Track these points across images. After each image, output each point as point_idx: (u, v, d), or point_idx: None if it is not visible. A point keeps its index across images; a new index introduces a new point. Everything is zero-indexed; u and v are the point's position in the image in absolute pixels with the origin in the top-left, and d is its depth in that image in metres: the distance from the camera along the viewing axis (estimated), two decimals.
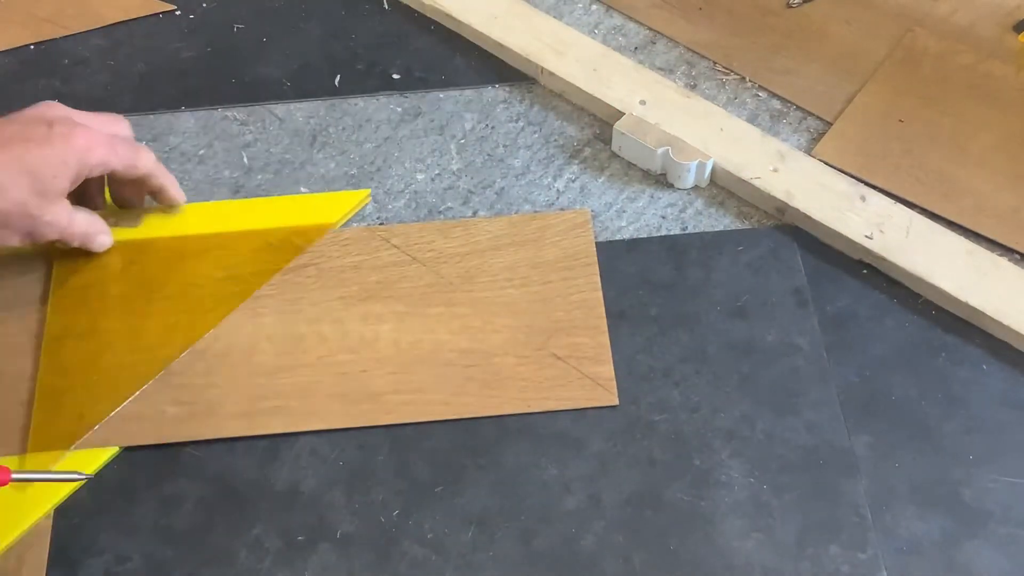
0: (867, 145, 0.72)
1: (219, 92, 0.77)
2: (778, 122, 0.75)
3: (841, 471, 0.59)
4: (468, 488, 0.59)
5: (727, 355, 0.64)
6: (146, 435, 0.60)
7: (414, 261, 0.67)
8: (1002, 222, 0.69)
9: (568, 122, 0.75)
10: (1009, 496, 0.58)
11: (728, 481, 0.59)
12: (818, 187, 0.69)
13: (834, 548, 0.57)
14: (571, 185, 0.72)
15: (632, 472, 0.59)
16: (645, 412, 0.61)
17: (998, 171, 0.71)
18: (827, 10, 0.81)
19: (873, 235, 0.67)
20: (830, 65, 0.77)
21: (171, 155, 0.73)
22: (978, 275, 0.65)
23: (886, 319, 0.65)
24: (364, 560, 0.56)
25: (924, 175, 0.71)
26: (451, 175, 0.72)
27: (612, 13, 0.82)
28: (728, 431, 0.61)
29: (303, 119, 0.76)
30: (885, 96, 0.75)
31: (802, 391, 0.62)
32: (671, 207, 0.71)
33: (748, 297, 0.66)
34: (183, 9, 0.83)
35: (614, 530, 0.57)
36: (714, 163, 0.70)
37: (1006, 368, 0.63)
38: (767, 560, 0.56)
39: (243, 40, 0.81)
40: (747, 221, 0.70)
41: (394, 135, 0.75)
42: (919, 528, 0.57)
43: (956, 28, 0.79)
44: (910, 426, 0.61)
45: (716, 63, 0.78)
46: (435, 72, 0.79)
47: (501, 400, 0.62)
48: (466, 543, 0.57)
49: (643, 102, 0.73)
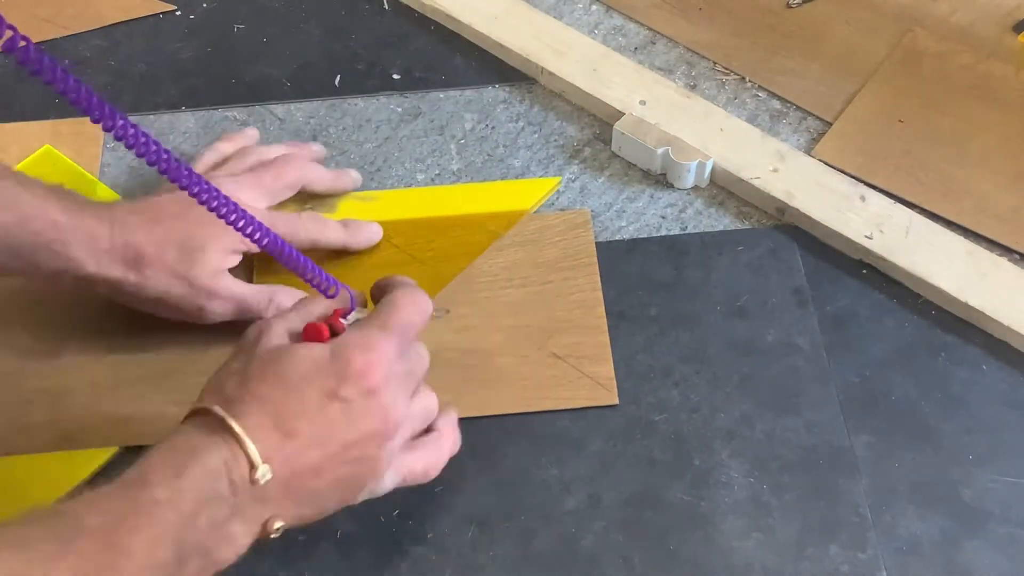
0: (867, 145, 0.72)
1: (219, 92, 0.77)
2: (778, 122, 0.75)
3: (841, 471, 0.59)
4: (468, 488, 0.59)
5: (727, 355, 0.64)
6: (146, 435, 0.60)
7: (414, 260, 0.67)
8: (1002, 222, 0.69)
9: (568, 122, 0.75)
10: (1009, 496, 0.58)
11: (728, 481, 0.59)
12: (818, 187, 0.69)
13: (834, 548, 0.57)
14: (571, 185, 0.72)
15: (632, 472, 0.59)
16: (645, 412, 0.61)
17: (998, 171, 0.71)
18: (827, 10, 0.81)
19: (873, 235, 0.67)
20: (830, 65, 0.77)
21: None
22: (978, 275, 0.65)
23: (886, 319, 0.65)
24: (364, 560, 0.56)
25: (924, 175, 0.71)
26: (451, 175, 0.72)
27: (612, 13, 0.82)
28: (728, 431, 0.61)
29: (303, 119, 0.76)
30: (885, 96, 0.75)
31: (802, 391, 0.62)
32: (671, 207, 0.71)
33: (748, 297, 0.66)
34: (183, 9, 0.83)
35: (614, 530, 0.57)
36: (714, 163, 0.70)
37: (1006, 368, 0.63)
38: (767, 560, 0.56)
39: (243, 40, 0.81)
40: (747, 221, 0.70)
41: (394, 135, 0.75)
42: (919, 528, 0.57)
43: (956, 28, 0.79)
44: (910, 426, 0.61)
45: (716, 63, 0.78)
46: (435, 72, 0.79)
47: (501, 400, 0.62)
48: (466, 543, 0.57)
49: (643, 102, 0.73)
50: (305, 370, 0.48)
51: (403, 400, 0.51)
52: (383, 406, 0.49)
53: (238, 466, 0.45)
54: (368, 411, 0.49)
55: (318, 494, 0.48)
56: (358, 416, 0.48)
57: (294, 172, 0.67)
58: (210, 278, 0.60)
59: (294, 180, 0.67)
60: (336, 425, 0.48)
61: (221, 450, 0.45)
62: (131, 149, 0.44)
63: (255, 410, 0.47)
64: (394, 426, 0.50)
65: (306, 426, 0.47)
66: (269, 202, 0.65)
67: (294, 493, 0.47)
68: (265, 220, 0.57)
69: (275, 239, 0.51)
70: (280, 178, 0.66)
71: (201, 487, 0.45)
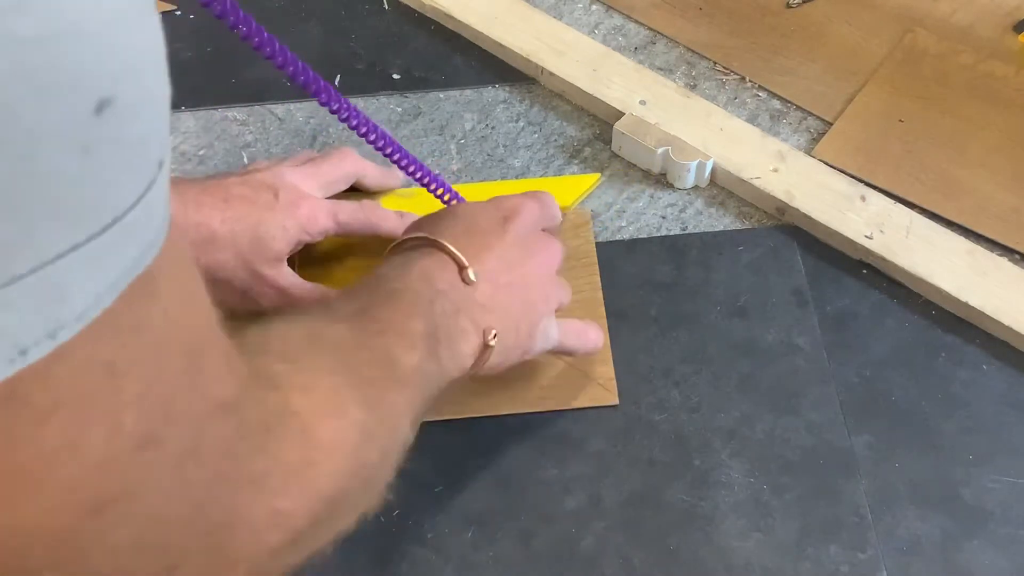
0: (867, 145, 0.72)
1: (219, 92, 0.77)
2: (778, 122, 0.75)
3: (841, 471, 0.59)
4: (468, 488, 0.59)
5: (727, 355, 0.64)
6: None
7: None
8: (1002, 222, 0.68)
9: (568, 122, 0.75)
10: (1009, 496, 0.58)
11: (728, 481, 0.59)
12: (818, 187, 0.69)
13: (834, 548, 0.57)
14: None
15: (632, 472, 0.59)
16: (645, 412, 0.61)
17: (998, 171, 0.71)
18: (827, 10, 0.81)
19: (873, 235, 0.67)
20: (830, 65, 0.77)
21: (171, 155, 0.73)
22: (978, 275, 0.65)
23: (886, 319, 0.65)
24: (364, 560, 0.56)
25: (924, 175, 0.71)
26: (451, 175, 0.72)
27: (612, 13, 0.82)
28: (728, 431, 0.61)
29: (303, 119, 0.76)
30: (885, 96, 0.75)
31: (802, 391, 0.62)
32: (671, 207, 0.71)
33: (748, 297, 0.66)
34: (183, 9, 0.83)
35: (614, 530, 0.57)
36: (714, 163, 0.70)
37: (1006, 368, 0.63)
38: (767, 560, 0.56)
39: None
40: (747, 221, 0.70)
41: (394, 135, 0.75)
42: (919, 528, 0.57)
43: (956, 28, 0.79)
44: (910, 426, 0.61)
45: (716, 63, 0.78)
46: (435, 72, 0.79)
47: (501, 400, 0.62)
48: (466, 543, 0.57)
49: (643, 102, 0.73)
50: (472, 210, 0.57)
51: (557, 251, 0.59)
52: (541, 239, 0.58)
53: (449, 269, 0.53)
54: (532, 241, 0.57)
55: (513, 312, 0.54)
56: (528, 243, 0.57)
57: (350, 164, 0.68)
58: (273, 266, 0.60)
59: (350, 172, 0.68)
60: (511, 248, 0.56)
61: (433, 256, 0.53)
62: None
63: (447, 236, 0.54)
64: (553, 257, 0.58)
65: (492, 244, 0.55)
66: (326, 192, 0.65)
67: (498, 305, 0.54)
68: (333, 207, 0.63)
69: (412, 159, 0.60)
70: (338, 168, 0.67)
71: (425, 282, 0.51)
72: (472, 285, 0.53)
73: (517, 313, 0.55)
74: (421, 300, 0.50)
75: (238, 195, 0.60)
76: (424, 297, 0.50)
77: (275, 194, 0.61)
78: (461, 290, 0.52)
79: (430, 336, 0.49)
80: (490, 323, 0.53)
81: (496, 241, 0.55)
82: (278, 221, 0.60)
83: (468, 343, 0.52)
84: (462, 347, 0.52)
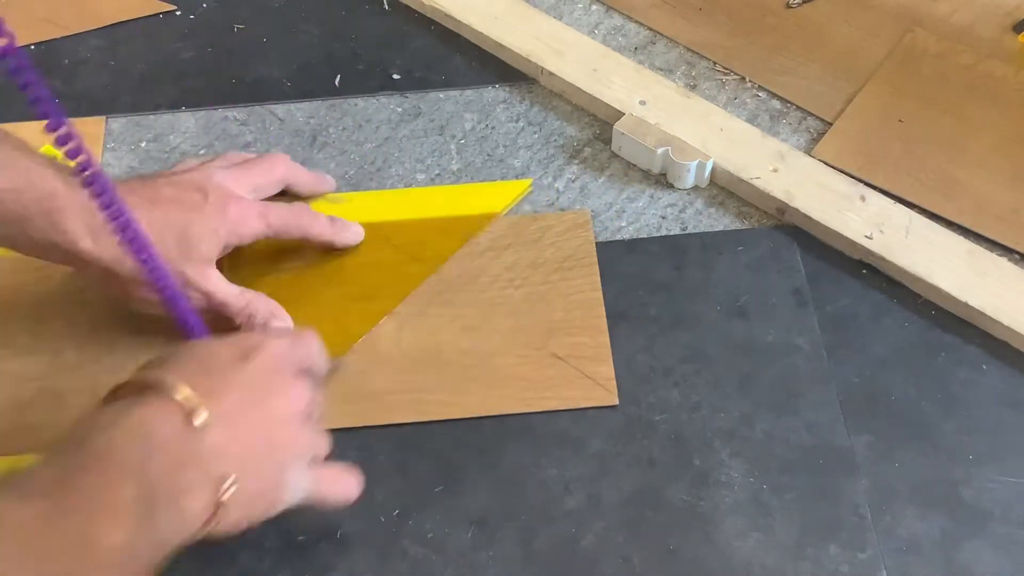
0: (867, 145, 0.72)
1: (219, 92, 0.77)
2: (778, 122, 0.75)
3: (841, 471, 0.59)
4: (468, 488, 0.59)
5: (727, 355, 0.64)
6: None
7: (415, 260, 0.67)
8: (1002, 222, 0.69)
9: (568, 122, 0.75)
10: (1009, 496, 0.58)
11: (728, 481, 0.59)
12: (818, 187, 0.69)
13: (834, 548, 0.57)
14: (571, 185, 0.72)
15: (632, 472, 0.59)
16: (645, 412, 0.61)
17: (998, 171, 0.71)
18: (827, 10, 0.81)
19: (873, 235, 0.67)
20: (830, 65, 0.77)
21: (171, 155, 0.73)
22: (978, 275, 0.65)
23: (886, 319, 0.65)
24: (364, 560, 0.56)
25: (924, 175, 0.71)
26: (451, 175, 0.72)
27: (612, 13, 0.82)
28: (728, 431, 0.61)
29: (303, 119, 0.76)
30: (885, 96, 0.75)
31: (802, 391, 0.62)
32: (671, 207, 0.71)
33: (748, 297, 0.66)
34: (183, 9, 0.83)
35: (614, 530, 0.57)
36: (714, 163, 0.70)
37: (1005, 368, 0.63)
38: (767, 560, 0.56)
39: (243, 40, 0.81)
40: (747, 221, 0.70)
41: (394, 135, 0.75)
42: (919, 528, 0.57)
43: (956, 28, 0.79)
44: (910, 426, 0.61)
45: (716, 63, 0.78)
46: (435, 72, 0.79)
47: (501, 400, 0.62)
48: (466, 543, 0.57)
49: (643, 102, 0.73)
50: (211, 346, 0.52)
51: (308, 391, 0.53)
52: (287, 380, 0.52)
53: (172, 416, 0.47)
54: (277, 381, 0.52)
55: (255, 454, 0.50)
56: (272, 382, 0.52)
57: (282, 169, 0.67)
58: (200, 270, 0.59)
59: (281, 177, 0.67)
60: (251, 386, 0.51)
61: (152, 404, 0.47)
62: None
63: (178, 374, 0.49)
64: (298, 399, 0.52)
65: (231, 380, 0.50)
66: (256, 196, 0.65)
67: (238, 447, 0.49)
68: (263, 209, 0.60)
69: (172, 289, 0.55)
70: (270, 172, 0.66)
71: (140, 437, 0.46)
72: (202, 431, 0.47)
73: (260, 455, 0.50)
74: (132, 460, 0.45)
75: (166, 196, 0.59)
76: (137, 456, 0.45)
77: (204, 195, 0.60)
78: (186, 440, 0.47)
79: (143, 501, 0.44)
80: (226, 470, 0.47)
81: (235, 376, 0.50)
82: (207, 223, 0.59)
83: (196, 500, 0.46)
84: (188, 505, 0.46)
